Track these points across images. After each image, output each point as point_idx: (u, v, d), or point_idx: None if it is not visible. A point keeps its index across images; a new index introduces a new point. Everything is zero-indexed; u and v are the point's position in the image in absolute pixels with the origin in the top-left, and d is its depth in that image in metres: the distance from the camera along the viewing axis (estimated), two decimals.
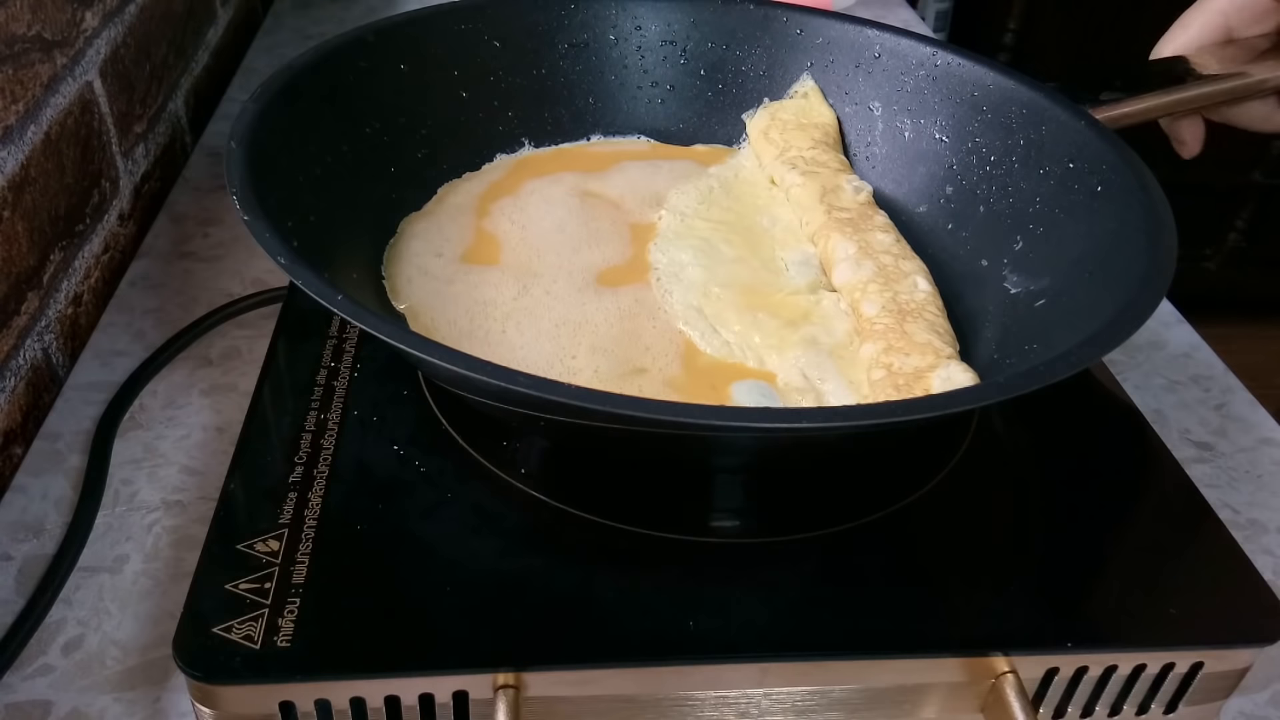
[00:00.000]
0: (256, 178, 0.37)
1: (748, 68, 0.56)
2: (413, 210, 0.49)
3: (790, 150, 0.52)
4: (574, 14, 0.55)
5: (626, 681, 0.33)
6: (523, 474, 0.39)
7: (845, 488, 0.39)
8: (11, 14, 0.49)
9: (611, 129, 0.56)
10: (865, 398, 0.40)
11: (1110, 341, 0.34)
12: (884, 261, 0.46)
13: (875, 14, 0.91)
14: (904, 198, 0.52)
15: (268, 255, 0.34)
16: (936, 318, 0.43)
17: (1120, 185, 0.43)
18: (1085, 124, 0.45)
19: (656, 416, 0.30)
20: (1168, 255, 0.38)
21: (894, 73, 0.53)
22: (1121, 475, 0.41)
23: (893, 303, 0.43)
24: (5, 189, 0.48)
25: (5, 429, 0.47)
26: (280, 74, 0.44)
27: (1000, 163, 0.49)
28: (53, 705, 0.37)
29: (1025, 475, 0.41)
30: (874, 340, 0.42)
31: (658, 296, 0.45)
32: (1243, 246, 1.76)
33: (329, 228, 0.42)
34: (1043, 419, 0.43)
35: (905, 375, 0.40)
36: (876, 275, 0.45)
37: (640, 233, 0.49)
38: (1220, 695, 0.37)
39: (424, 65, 0.51)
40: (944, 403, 0.32)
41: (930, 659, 0.34)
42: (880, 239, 0.47)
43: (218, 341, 0.54)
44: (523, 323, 0.43)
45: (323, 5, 0.95)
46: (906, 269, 0.45)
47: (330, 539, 0.36)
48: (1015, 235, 0.46)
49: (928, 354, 0.40)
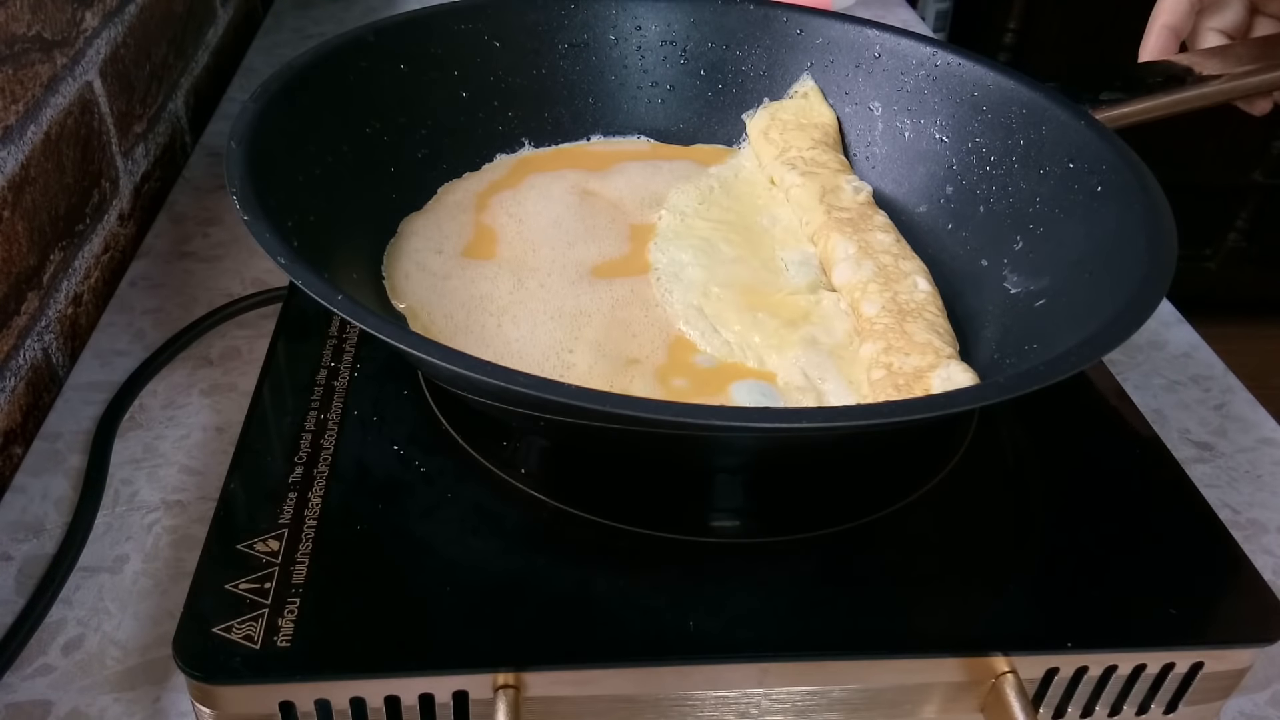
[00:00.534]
0: (256, 178, 0.37)
1: (748, 68, 0.56)
2: (413, 210, 0.49)
3: (790, 150, 0.52)
4: (574, 14, 0.55)
5: (626, 681, 0.33)
6: (523, 474, 0.39)
7: (846, 488, 0.39)
8: (11, 14, 0.49)
9: (611, 129, 0.56)
10: (865, 397, 0.40)
11: (1111, 341, 0.34)
12: (884, 261, 0.46)
13: (875, 14, 0.91)
14: (904, 198, 0.52)
15: (268, 255, 0.34)
16: (936, 317, 0.43)
17: (1120, 185, 0.43)
18: (1085, 124, 0.46)
19: (656, 416, 0.30)
20: (1168, 255, 0.38)
21: (894, 73, 0.53)
22: (1121, 475, 0.41)
23: (892, 302, 0.43)
24: (5, 189, 0.48)
25: (5, 429, 0.47)
26: (280, 74, 0.44)
27: (1000, 163, 0.49)
28: (53, 705, 0.37)
29: (1025, 475, 0.41)
30: (874, 340, 0.42)
31: (658, 295, 0.45)
32: (1243, 246, 1.76)
33: (329, 228, 0.42)
34: (1043, 419, 0.43)
35: (905, 375, 0.40)
36: (876, 275, 0.45)
37: (639, 232, 0.49)
38: (1220, 695, 0.37)
39: (424, 65, 0.51)
40: (944, 402, 0.32)
41: (930, 659, 0.34)
42: (880, 239, 0.47)
43: (218, 341, 0.54)
44: (519, 316, 0.43)
45: (323, 5, 0.95)
46: (906, 269, 0.45)
47: (330, 539, 0.36)
48: (1015, 235, 0.46)
49: (928, 353, 0.40)
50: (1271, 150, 1.66)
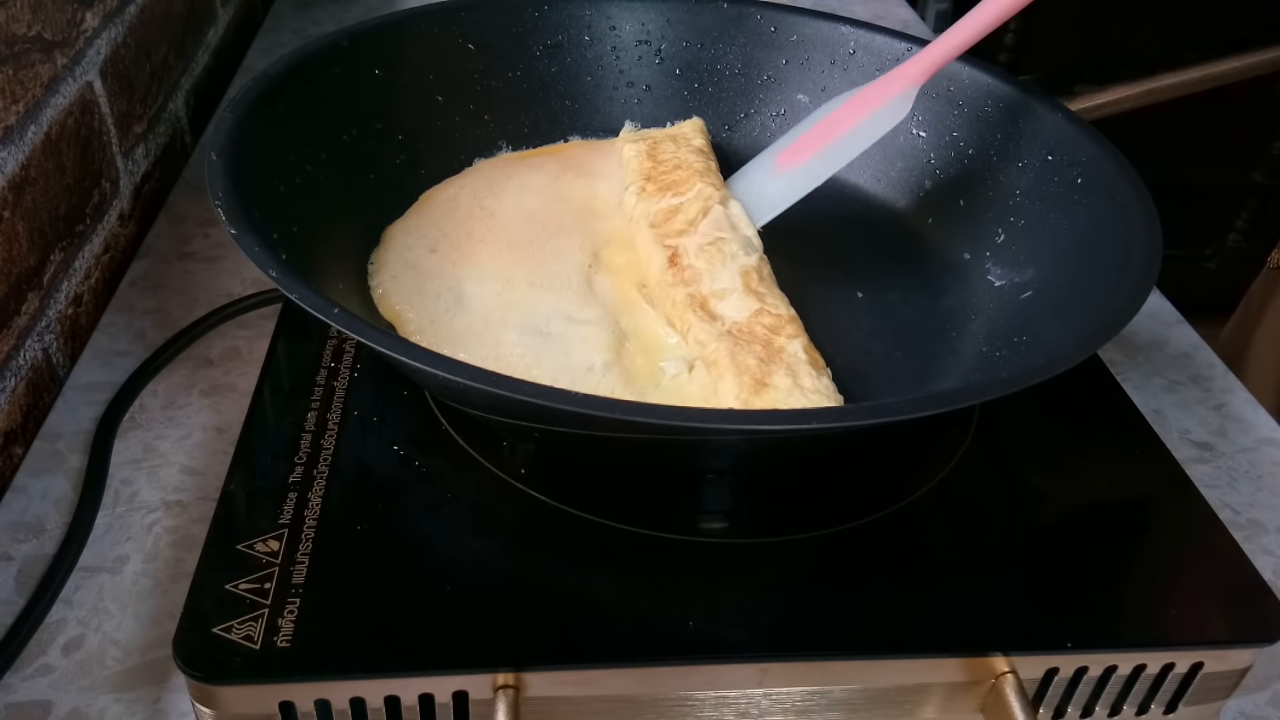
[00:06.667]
0: (240, 189, 0.37)
1: (723, 66, 0.56)
2: (395, 216, 0.49)
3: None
4: (548, 15, 0.54)
5: (626, 681, 0.33)
6: (523, 474, 0.39)
7: (846, 488, 0.39)
8: (12, 14, 0.49)
9: (589, 130, 0.56)
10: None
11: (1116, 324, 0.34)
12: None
13: (875, 14, 0.91)
14: (883, 193, 0.52)
15: (258, 269, 0.33)
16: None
17: (1101, 176, 0.43)
18: (1062, 116, 0.46)
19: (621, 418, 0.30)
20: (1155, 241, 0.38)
21: (869, 69, 0.53)
22: (1121, 475, 0.41)
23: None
24: (5, 189, 0.48)
25: (5, 429, 0.47)
26: (256, 82, 0.43)
27: (979, 157, 0.49)
28: (53, 705, 0.37)
29: (1024, 475, 0.41)
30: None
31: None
32: (1243, 246, 1.76)
33: (312, 237, 0.42)
34: (1042, 419, 0.43)
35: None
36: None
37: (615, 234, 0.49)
38: (1220, 695, 0.37)
39: (399, 69, 0.50)
40: (947, 400, 0.32)
41: (930, 659, 0.34)
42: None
43: (218, 341, 0.54)
44: (508, 317, 0.43)
45: (323, 5, 0.95)
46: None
47: (330, 539, 0.36)
48: (996, 228, 0.47)
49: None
50: (1271, 150, 1.66)
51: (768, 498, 0.39)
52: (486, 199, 0.50)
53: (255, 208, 0.37)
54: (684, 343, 0.42)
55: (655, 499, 0.38)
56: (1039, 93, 0.47)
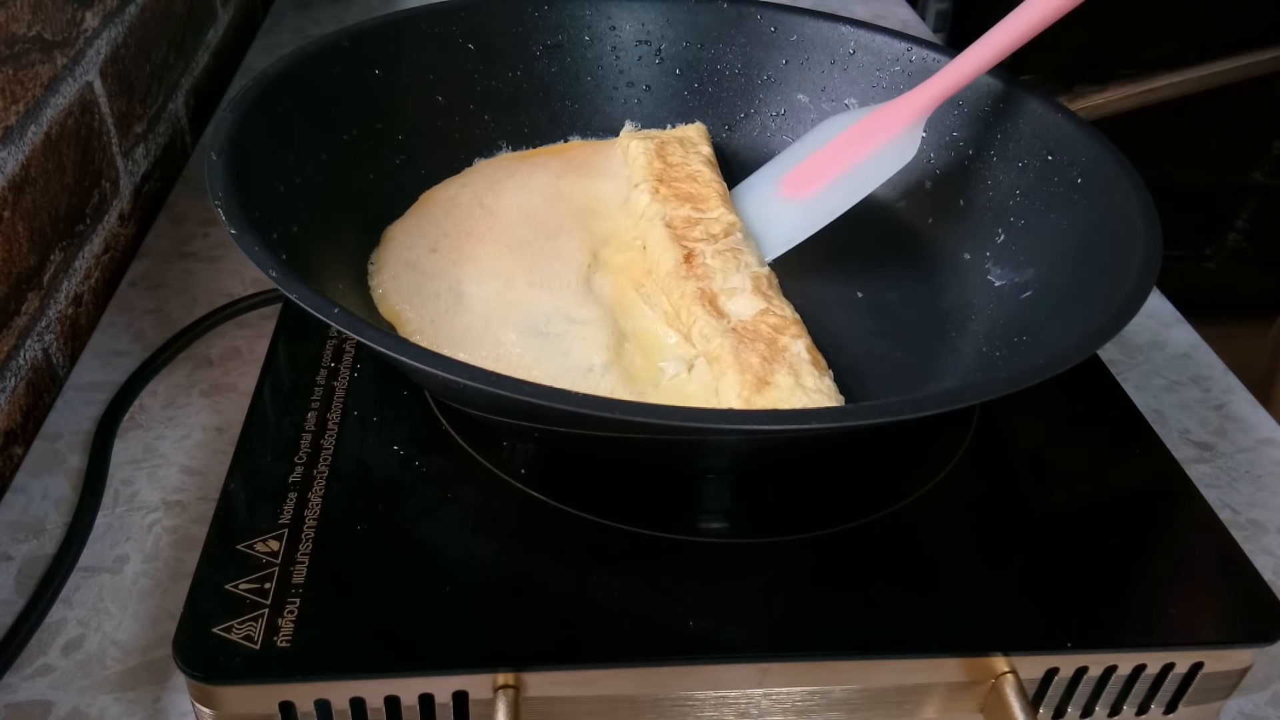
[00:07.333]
0: (240, 189, 0.37)
1: (723, 66, 0.56)
2: (395, 216, 0.49)
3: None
4: (548, 15, 0.54)
5: (626, 681, 0.33)
6: (523, 474, 0.39)
7: (846, 488, 0.39)
8: (11, 14, 0.49)
9: (589, 130, 0.56)
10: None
11: (1117, 323, 0.34)
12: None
13: (875, 14, 0.91)
14: (883, 193, 0.52)
15: (258, 269, 0.33)
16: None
17: (1101, 176, 0.43)
18: (1062, 116, 0.46)
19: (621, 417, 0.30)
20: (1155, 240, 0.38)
21: (869, 69, 0.53)
22: (1121, 475, 0.41)
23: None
24: (5, 189, 0.48)
25: (5, 429, 0.47)
26: (256, 82, 0.43)
27: (978, 156, 0.49)
28: (53, 705, 0.37)
29: (1024, 475, 0.41)
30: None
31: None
32: (1243, 246, 1.76)
33: (312, 237, 0.41)
34: (1042, 419, 0.43)
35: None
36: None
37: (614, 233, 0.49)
38: (1220, 695, 0.37)
39: (398, 70, 0.50)
40: (947, 400, 0.32)
41: (930, 659, 0.34)
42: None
43: (218, 341, 0.54)
44: (508, 317, 0.43)
45: (323, 5, 0.95)
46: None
47: (330, 539, 0.36)
48: (996, 228, 0.47)
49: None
50: (1271, 150, 1.66)
51: (768, 498, 0.39)
52: (487, 198, 0.50)
53: (255, 208, 0.37)
54: (684, 343, 0.42)
55: (655, 499, 0.38)
56: (1039, 93, 0.47)
